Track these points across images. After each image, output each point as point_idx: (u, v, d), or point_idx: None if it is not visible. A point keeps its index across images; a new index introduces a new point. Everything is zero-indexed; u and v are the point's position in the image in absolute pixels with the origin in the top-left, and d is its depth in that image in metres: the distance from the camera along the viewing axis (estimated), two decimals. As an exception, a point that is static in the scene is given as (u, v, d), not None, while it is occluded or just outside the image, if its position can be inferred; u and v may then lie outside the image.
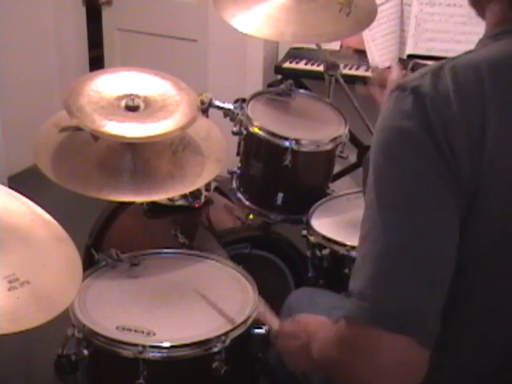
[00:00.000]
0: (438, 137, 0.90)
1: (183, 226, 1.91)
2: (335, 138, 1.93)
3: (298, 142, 1.85)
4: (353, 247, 1.74)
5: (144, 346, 1.31)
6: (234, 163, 1.95)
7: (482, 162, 0.90)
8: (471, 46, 1.04)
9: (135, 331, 1.36)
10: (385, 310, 0.89)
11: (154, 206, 1.99)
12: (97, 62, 3.97)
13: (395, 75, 1.64)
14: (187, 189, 1.67)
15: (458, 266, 0.93)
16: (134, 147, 1.57)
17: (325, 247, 1.79)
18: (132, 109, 1.55)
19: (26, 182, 2.28)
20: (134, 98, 1.56)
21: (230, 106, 1.95)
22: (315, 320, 1.20)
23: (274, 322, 1.41)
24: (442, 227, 0.91)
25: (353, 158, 2.71)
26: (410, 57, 3.11)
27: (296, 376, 1.41)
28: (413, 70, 2.52)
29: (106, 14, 3.86)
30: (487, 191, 0.91)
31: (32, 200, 1.27)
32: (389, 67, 1.75)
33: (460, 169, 0.90)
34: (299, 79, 2.99)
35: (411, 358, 0.90)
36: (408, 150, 0.92)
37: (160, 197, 1.67)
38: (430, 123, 0.91)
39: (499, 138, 0.90)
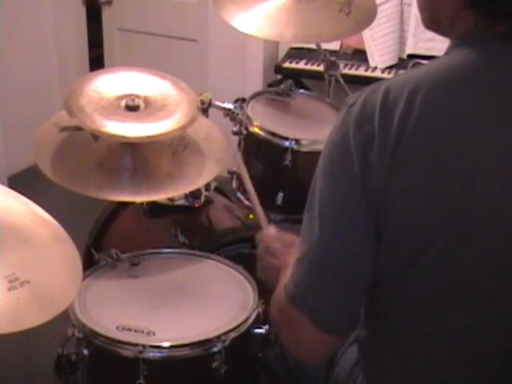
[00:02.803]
0: (357, 152, 0.98)
1: (183, 226, 1.91)
2: (335, 138, 1.93)
3: (298, 141, 1.85)
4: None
5: (144, 346, 1.31)
6: (234, 163, 1.94)
7: (391, 176, 0.96)
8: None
9: (135, 331, 1.36)
10: (299, 295, 1.06)
11: (154, 206, 1.99)
12: (97, 62, 3.96)
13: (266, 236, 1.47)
14: (187, 189, 1.67)
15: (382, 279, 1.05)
16: (134, 147, 1.57)
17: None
18: (132, 109, 1.55)
19: (26, 182, 2.27)
20: (134, 98, 1.56)
21: (230, 106, 1.95)
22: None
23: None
24: (357, 243, 1.02)
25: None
26: (410, 57, 3.11)
27: (295, 374, 1.42)
28: (413, 69, 2.52)
29: (106, 13, 3.86)
30: (393, 202, 0.98)
31: (32, 200, 1.27)
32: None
33: (373, 182, 0.97)
34: (299, 79, 2.99)
35: (309, 334, 1.06)
36: (334, 162, 1.02)
37: (160, 197, 1.67)
38: (353, 139, 0.98)
39: (408, 155, 0.96)
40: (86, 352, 1.37)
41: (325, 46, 2.20)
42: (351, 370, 1.29)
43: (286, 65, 3.21)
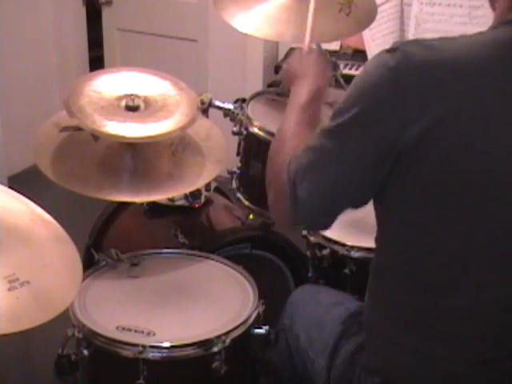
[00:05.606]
0: (392, 98, 1.00)
1: (183, 226, 1.91)
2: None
3: (297, 141, 1.84)
4: (352, 247, 1.74)
5: (144, 346, 1.31)
6: (234, 163, 1.94)
7: (426, 137, 0.99)
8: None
9: (135, 331, 1.37)
10: (294, 170, 1.14)
11: (153, 205, 1.99)
12: (97, 62, 3.97)
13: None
14: (187, 189, 1.67)
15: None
16: (134, 147, 1.57)
17: (325, 247, 1.79)
18: (132, 109, 1.55)
19: (26, 182, 2.27)
20: (134, 98, 1.56)
21: (230, 106, 1.95)
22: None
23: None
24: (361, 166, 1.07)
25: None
26: (410, 57, 3.11)
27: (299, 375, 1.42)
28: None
29: (106, 13, 3.86)
30: (424, 155, 1.01)
31: (32, 200, 1.27)
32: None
33: (404, 133, 1.00)
34: (299, 79, 2.98)
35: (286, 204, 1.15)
36: (365, 96, 1.04)
37: (160, 197, 1.67)
38: (390, 85, 1.01)
39: (453, 119, 0.99)
40: (86, 352, 1.37)
41: (325, 46, 2.20)
42: (350, 360, 1.29)
43: (286, 65, 3.20)
